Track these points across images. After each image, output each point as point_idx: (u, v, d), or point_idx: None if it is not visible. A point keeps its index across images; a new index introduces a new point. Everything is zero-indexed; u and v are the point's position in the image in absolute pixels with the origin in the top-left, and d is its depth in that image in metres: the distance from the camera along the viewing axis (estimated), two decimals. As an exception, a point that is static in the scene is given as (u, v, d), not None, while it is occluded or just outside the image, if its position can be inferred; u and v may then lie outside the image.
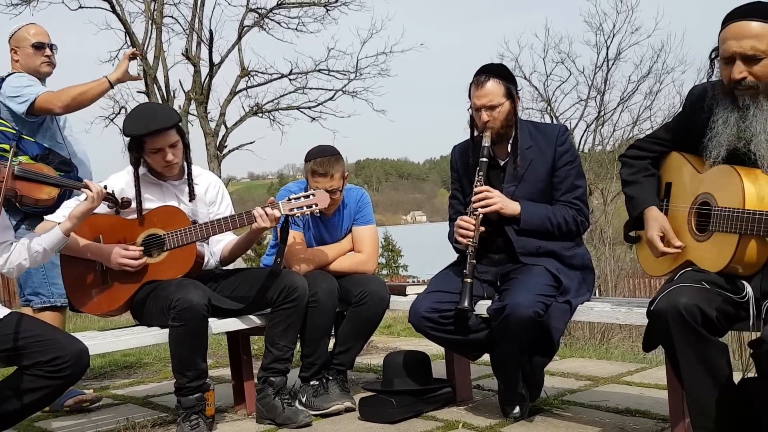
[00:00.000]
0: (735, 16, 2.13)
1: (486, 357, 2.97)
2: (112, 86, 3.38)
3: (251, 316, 2.99)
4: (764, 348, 1.91)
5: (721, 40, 2.15)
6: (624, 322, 2.63)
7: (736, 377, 2.16)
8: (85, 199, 2.75)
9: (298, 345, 3.08)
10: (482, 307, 2.81)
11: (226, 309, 2.90)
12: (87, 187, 2.77)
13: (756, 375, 2.03)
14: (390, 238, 31.96)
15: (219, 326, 2.91)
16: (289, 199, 2.91)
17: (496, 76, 2.86)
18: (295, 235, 3.22)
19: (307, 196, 2.90)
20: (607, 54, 15.99)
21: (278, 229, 3.02)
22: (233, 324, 2.96)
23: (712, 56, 2.23)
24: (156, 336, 2.83)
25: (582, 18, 15.92)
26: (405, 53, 16.23)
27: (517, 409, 2.81)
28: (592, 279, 2.96)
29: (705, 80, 2.30)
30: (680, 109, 2.50)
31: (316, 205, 2.88)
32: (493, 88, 2.84)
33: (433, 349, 3.79)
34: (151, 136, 2.89)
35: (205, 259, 3.06)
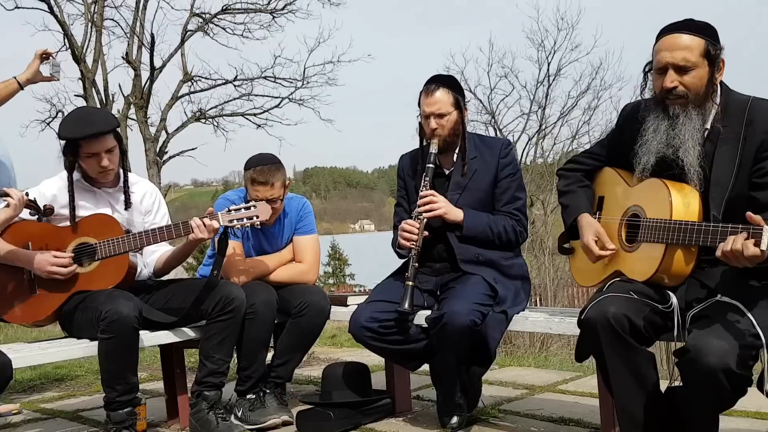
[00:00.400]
0: (669, 29, 2.24)
1: (426, 367, 2.98)
2: (21, 87, 3.28)
3: (185, 329, 2.92)
4: (688, 357, 1.97)
5: (655, 51, 2.25)
6: (557, 332, 2.69)
7: (663, 386, 2.23)
8: (7, 206, 2.64)
9: (235, 358, 3.02)
10: (422, 316, 2.82)
11: (158, 322, 2.82)
12: (7, 194, 2.66)
13: (681, 383, 2.10)
14: (337, 246, 31.89)
15: (151, 339, 2.83)
16: (229, 210, 2.83)
17: (445, 85, 2.93)
18: (234, 246, 3.16)
19: (248, 208, 2.83)
20: (548, 70, 16.45)
21: (216, 240, 2.95)
22: (166, 337, 2.88)
23: (646, 69, 2.33)
24: (85, 349, 2.73)
25: (524, 34, 16.34)
26: (353, 63, 16.23)
27: (454, 420, 2.82)
28: (528, 289, 3.02)
29: (639, 92, 2.41)
30: (614, 125, 2.59)
31: (257, 217, 2.81)
32: (443, 96, 2.90)
33: (374, 359, 3.78)
34: (87, 139, 2.81)
35: (138, 270, 2.98)
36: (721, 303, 2.07)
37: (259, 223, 2.83)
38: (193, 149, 15.00)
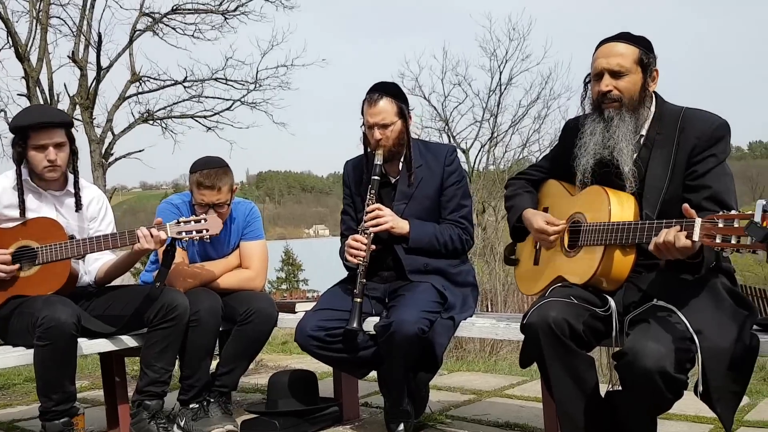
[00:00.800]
0: (606, 40, 2.37)
1: (374, 374, 2.97)
2: None
3: (125, 337, 2.84)
4: (625, 359, 2.02)
5: (593, 59, 2.37)
6: (503, 338, 2.72)
7: (604, 390, 2.27)
8: None
9: (178, 366, 2.95)
10: (370, 324, 2.81)
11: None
12: None
13: (620, 388, 2.15)
14: (291, 251, 31.58)
15: (90, 347, 2.75)
16: (179, 222, 2.74)
17: (388, 95, 2.90)
18: (178, 253, 3.08)
19: (198, 221, 2.74)
20: (500, 78, 16.77)
21: (159, 252, 2.86)
22: (105, 345, 2.80)
23: (587, 81, 2.43)
24: (20, 357, 2.63)
25: (477, 43, 16.61)
26: (307, 67, 16.18)
27: (401, 427, 2.81)
28: (476, 295, 3.04)
29: (580, 101, 2.50)
30: (557, 139, 2.68)
31: (207, 230, 2.73)
32: (386, 106, 2.88)
33: (323, 366, 3.75)
34: (36, 129, 2.74)
35: (79, 277, 2.88)
36: (658, 307, 2.13)
37: (209, 237, 2.76)
38: (140, 151, 14.66)
